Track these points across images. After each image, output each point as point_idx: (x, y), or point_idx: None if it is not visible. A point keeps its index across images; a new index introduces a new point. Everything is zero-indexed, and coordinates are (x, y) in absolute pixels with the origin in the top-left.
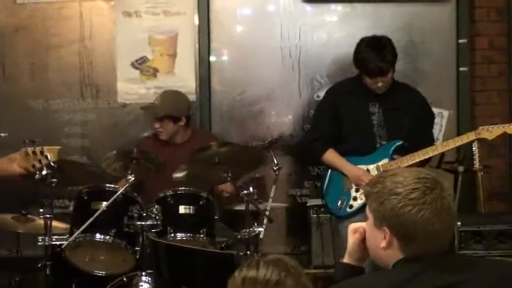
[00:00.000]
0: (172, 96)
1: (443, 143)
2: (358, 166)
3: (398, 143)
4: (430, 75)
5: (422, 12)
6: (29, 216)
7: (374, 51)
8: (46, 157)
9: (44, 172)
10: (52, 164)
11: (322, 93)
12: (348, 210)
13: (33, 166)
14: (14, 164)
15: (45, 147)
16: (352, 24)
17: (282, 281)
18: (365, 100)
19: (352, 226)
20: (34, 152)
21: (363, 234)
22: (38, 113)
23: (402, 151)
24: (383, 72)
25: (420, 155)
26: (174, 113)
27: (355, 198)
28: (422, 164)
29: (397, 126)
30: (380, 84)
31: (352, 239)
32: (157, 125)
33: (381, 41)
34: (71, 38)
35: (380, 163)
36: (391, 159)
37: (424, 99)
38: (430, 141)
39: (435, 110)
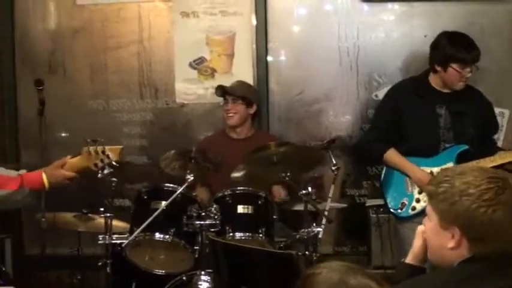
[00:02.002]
0: (248, 84)
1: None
2: (422, 168)
3: (464, 148)
4: (491, 74)
5: (481, 10)
6: (89, 215)
7: (463, 40)
8: (108, 156)
9: (106, 171)
10: (114, 163)
11: (380, 93)
12: (410, 212)
13: (95, 165)
14: (62, 170)
15: (107, 147)
16: (409, 23)
17: None
18: (432, 101)
19: (421, 228)
20: (96, 152)
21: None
22: (98, 114)
23: (466, 156)
24: (476, 58)
25: (488, 161)
26: (249, 96)
27: (418, 200)
28: None
29: (463, 129)
30: (469, 74)
31: (419, 241)
32: (230, 106)
33: (463, 34)
34: (130, 39)
35: (444, 166)
36: (456, 163)
37: (489, 104)
38: (493, 146)
39: (496, 110)
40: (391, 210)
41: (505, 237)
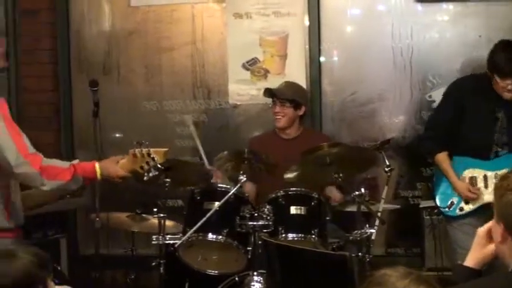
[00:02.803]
0: (296, 85)
1: None
2: (476, 170)
3: None
4: None
5: None
6: (143, 215)
7: (508, 52)
8: (153, 159)
9: (151, 174)
10: (159, 166)
11: (434, 94)
12: (458, 212)
13: (141, 168)
14: (116, 166)
15: (151, 149)
16: (464, 24)
17: None
18: (493, 103)
19: (481, 229)
20: (142, 154)
21: (485, 238)
22: (152, 115)
23: None
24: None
25: None
26: (298, 98)
27: (467, 202)
28: None
29: None
30: (510, 87)
31: (480, 244)
32: (278, 109)
33: None
34: (183, 40)
35: (499, 172)
36: None
37: None
38: None
39: None
40: (439, 207)
41: None
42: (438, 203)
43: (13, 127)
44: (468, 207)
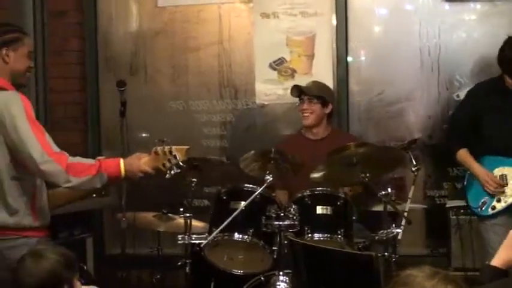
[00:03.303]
0: (323, 84)
1: None
2: (506, 168)
3: None
4: None
5: None
6: (169, 215)
7: None
8: (175, 156)
9: (173, 171)
10: (181, 163)
11: (462, 93)
12: (490, 211)
13: (164, 165)
14: (138, 161)
15: (173, 147)
16: (492, 23)
17: None
18: (508, 101)
19: None
20: (164, 152)
21: None
22: (179, 114)
23: None
24: None
25: None
26: (325, 95)
27: (499, 200)
28: None
29: None
30: None
31: (506, 243)
32: (306, 106)
33: None
34: (210, 40)
35: None
36: None
37: None
38: None
39: None
40: (471, 207)
41: None
42: (470, 203)
43: (37, 126)
44: (500, 205)
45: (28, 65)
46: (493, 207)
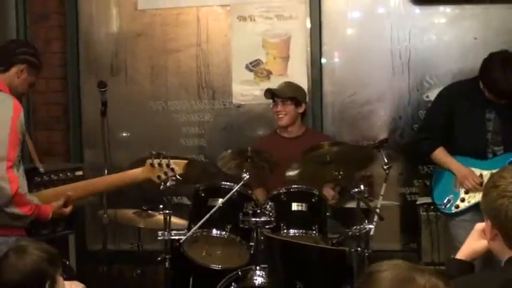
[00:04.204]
0: (295, 84)
1: None
2: (473, 169)
3: None
4: None
5: None
6: (149, 212)
7: (506, 73)
8: (172, 170)
9: (169, 184)
10: (178, 177)
11: (431, 94)
12: (454, 209)
13: (158, 177)
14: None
15: (171, 161)
16: (461, 26)
17: None
18: (481, 106)
19: (479, 224)
20: (160, 164)
21: (480, 233)
22: (158, 114)
23: None
24: (508, 96)
25: None
26: (297, 96)
27: (462, 200)
28: None
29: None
30: (503, 101)
31: (473, 239)
32: (279, 108)
33: None
34: (189, 42)
35: (495, 171)
36: None
37: None
38: None
39: None
40: (436, 204)
41: None
42: (435, 200)
43: (15, 140)
44: (464, 205)
45: (25, 92)
46: (457, 206)
